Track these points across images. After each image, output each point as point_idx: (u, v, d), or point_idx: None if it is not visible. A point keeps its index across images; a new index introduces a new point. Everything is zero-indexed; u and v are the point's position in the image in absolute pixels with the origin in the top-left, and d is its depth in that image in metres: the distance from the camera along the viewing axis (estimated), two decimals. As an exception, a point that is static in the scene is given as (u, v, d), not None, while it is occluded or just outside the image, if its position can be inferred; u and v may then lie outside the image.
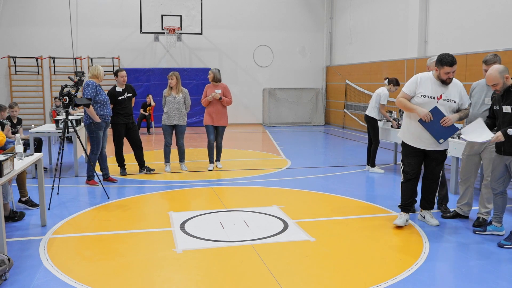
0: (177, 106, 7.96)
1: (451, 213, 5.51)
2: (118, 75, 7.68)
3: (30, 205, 5.84)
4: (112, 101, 7.51)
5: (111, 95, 7.57)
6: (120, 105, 7.63)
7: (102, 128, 7.03)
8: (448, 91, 4.89)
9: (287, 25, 17.05)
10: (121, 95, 7.66)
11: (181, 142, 8.23)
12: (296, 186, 7.15)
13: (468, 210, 5.45)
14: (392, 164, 8.95)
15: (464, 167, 5.37)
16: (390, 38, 13.53)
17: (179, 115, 7.98)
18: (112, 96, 7.55)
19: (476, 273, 3.98)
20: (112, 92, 7.63)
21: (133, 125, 7.86)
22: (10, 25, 14.85)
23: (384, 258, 4.29)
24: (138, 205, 6.10)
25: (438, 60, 4.84)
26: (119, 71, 7.69)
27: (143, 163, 8.04)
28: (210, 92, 8.13)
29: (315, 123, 17.28)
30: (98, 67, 7.10)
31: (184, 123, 8.12)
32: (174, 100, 7.93)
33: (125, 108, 7.70)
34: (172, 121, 7.98)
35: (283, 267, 4.06)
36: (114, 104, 7.58)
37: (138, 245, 4.61)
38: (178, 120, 8.00)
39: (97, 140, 7.00)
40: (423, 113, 4.80)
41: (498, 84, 4.52)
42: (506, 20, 9.37)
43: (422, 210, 5.35)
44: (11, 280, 3.76)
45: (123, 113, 7.68)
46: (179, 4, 15.13)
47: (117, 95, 7.62)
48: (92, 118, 6.84)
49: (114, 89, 7.68)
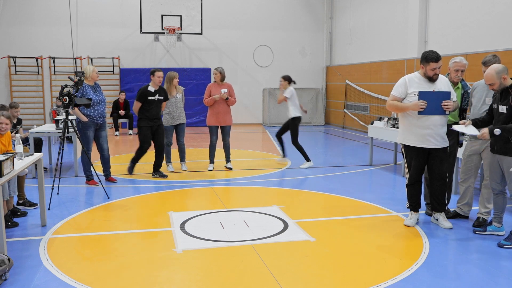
0: (179, 105, 7.97)
1: (451, 213, 5.51)
2: (154, 74, 7.37)
3: (28, 205, 5.84)
4: (141, 99, 7.29)
5: (142, 93, 7.31)
6: (148, 106, 7.34)
7: (90, 128, 6.94)
8: (437, 87, 4.94)
9: (287, 25, 17.05)
10: (152, 95, 7.36)
11: (182, 140, 8.21)
12: (296, 186, 7.15)
13: (468, 210, 5.45)
14: (392, 164, 8.95)
15: (464, 167, 5.38)
16: (390, 38, 13.53)
17: (181, 114, 8.02)
18: (142, 95, 7.30)
19: (476, 273, 3.98)
20: (144, 91, 7.35)
21: (160, 128, 7.55)
22: (10, 25, 14.84)
23: (384, 258, 4.29)
24: (138, 205, 6.10)
25: (423, 57, 4.91)
26: (156, 71, 7.39)
27: (159, 167, 7.75)
28: (214, 91, 8.06)
29: (315, 123, 17.27)
30: (87, 68, 6.99)
31: (185, 120, 8.17)
32: (175, 100, 7.90)
33: (151, 110, 7.37)
34: (175, 121, 7.96)
35: (283, 267, 4.06)
36: (142, 103, 7.33)
37: (138, 245, 4.61)
38: (182, 119, 8.03)
39: (87, 139, 6.95)
40: (415, 105, 4.84)
41: (494, 84, 4.55)
42: (506, 20, 9.37)
43: (434, 212, 5.30)
44: (11, 280, 3.76)
45: (148, 115, 7.37)
46: (179, 4, 15.12)
47: (148, 94, 7.33)
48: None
49: (146, 88, 7.40)
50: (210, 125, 8.21)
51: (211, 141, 8.26)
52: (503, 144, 4.54)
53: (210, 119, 8.20)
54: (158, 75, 7.36)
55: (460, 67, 5.29)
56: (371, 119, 12.96)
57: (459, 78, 5.34)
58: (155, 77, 7.37)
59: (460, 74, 5.30)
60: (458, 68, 5.29)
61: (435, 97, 4.84)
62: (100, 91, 7.10)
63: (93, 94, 6.90)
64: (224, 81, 8.19)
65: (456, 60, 5.34)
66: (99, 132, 7.10)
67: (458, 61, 5.32)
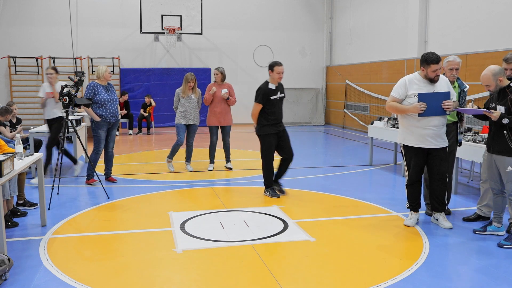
0: (194, 106, 8.03)
1: (471, 216, 5.40)
2: (274, 69, 6.26)
3: (28, 205, 5.85)
4: (263, 100, 6.21)
5: (264, 92, 6.22)
6: (270, 108, 6.23)
7: (103, 127, 7.00)
8: (437, 89, 4.93)
9: (287, 25, 17.05)
10: (273, 93, 6.26)
11: (192, 141, 8.25)
12: (296, 186, 7.15)
13: (489, 211, 5.29)
14: (392, 164, 8.95)
15: (484, 168, 5.30)
16: (390, 38, 13.53)
17: (194, 115, 8.05)
18: (265, 95, 6.21)
19: (476, 273, 3.98)
20: (265, 90, 6.23)
21: (284, 133, 6.39)
22: (10, 25, 14.84)
23: (384, 258, 4.29)
24: (138, 205, 6.10)
25: (424, 60, 4.88)
26: (276, 65, 6.27)
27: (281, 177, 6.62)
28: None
29: (315, 123, 17.27)
30: (99, 68, 7.08)
31: (198, 122, 8.20)
32: (190, 100, 7.99)
33: (274, 113, 6.28)
34: (189, 121, 8.02)
35: (283, 267, 4.06)
36: (264, 105, 6.24)
37: (138, 245, 4.61)
38: (194, 120, 8.06)
39: (98, 140, 7.00)
40: (415, 108, 4.84)
41: (490, 86, 4.59)
42: (506, 20, 9.37)
43: (434, 212, 5.29)
44: (11, 280, 3.76)
45: (272, 119, 6.26)
46: (179, 4, 15.12)
47: (270, 93, 6.24)
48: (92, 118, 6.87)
49: (267, 86, 6.28)
50: (210, 125, 8.21)
51: (211, 141, 8.27)
52: (499, 144, 4.55)
53: (210, 119, 8.21)
54: (278, 70, 6.25)
55: (454, 65, 5.28)
56: (371, 119, 12.96)
57: (454, 77, 5.32)
58: (275, 72, 6.27)
59: (455, 72, 5.29)
60: (452, 67, 5.28)
61: (435, 98, 4.83)
62: (112, 90, 7.16)
63: (105, 93, 6.97)
64: (224, 81, 8.21)
65: (449, 59, 5.33)
66: (110, 130, 7.17)
67: (452, 60, 5.31)
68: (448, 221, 5.19)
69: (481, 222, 5.20)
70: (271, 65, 6.35)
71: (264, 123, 6.27)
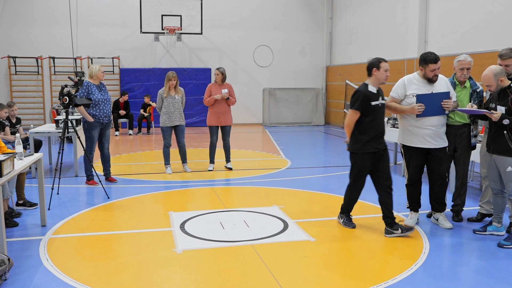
0: (178, 106, 7.85)
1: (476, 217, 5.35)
2: (380, 66, 4.78)
3: (29, 205, 5.84)
4: (361, 107, 4.75)
5: (364, 97, 4.75)
6: (369, 116, 4.78)
7: (96, 128, 6.94)
8: (436, 89, 4.92)
9: (287, 25, 17.05)
10: (375, 98, 4.80)
11: (183, 141, 8.10)
12: (296, 186, 7.15)
13: (491, 208, 5.20)
14: (392, 164, 8.95)
15: (482, 165, 5.22)
16: (390, 38, 13.53)
17: (179, 115, 7.89)
18: (364, 100, 4.75)
19: (476, 274, 3.99)
20: (365, 93, 4.78)
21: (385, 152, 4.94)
22: (10, 25, 14.83)
23: (384, 258, 4.29)
24: (138, 205, 6.10)
25: (422, 59, 4.87)
26: (382, 61, 4.81)
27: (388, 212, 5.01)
28: (215, 91, 8.04)
29: (315, 123, 17.27)
30: (92, 67, 6.99)
31: (184, 122, 8.06)
32: (174, 100, 7.82)
33: (375, 124, 4.81)
34: (174, 122, 7.85)
35: (283, 267, 4.06)
36: (362, 113, 4.78)
37: (138, 245, 4.61)
38: (179, 120, 7.88)
39: (90, 140, 6.95)
40: (412, 109, 4.83)
41: (491, 86, 4.59)
42: (506, 20, 9.37)
43: (434, 212, 5.28)
44: (11, 280, 3.76)
45: (372, 133, 4.80)
46: (179, 4, 15.12)
47: (372, 97, 4.78)
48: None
49: (367, 88, 4.83)
50: (210, 125, 8.18)
51: (211, 141, 8.25)
52: (500, 144, 4.54)
53: (210, 119, 8.18)
54: (385, 67, 4.81)
55: (465, 65, 5.14)
56: (371, 119, 12.93)
57: (466, 77, 5.19)
58: (381, 70, 4.80)
59: (466, 72, 5.15)
60: (463, 66, 5.14)
61: (433, 98, 4.82)
62: (105, 90, 7.10)
63: (98, 93, 6.91)
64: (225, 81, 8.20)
65: (460, 58, 5.19)
66: (103, 131, 7.11)
67: (462, 59, 5.16)
68: (448, 221, 5.19)
69: (483, 222, 5.20)
70: (374, 63, 4.84)
71: (359, 137, 4.84)
